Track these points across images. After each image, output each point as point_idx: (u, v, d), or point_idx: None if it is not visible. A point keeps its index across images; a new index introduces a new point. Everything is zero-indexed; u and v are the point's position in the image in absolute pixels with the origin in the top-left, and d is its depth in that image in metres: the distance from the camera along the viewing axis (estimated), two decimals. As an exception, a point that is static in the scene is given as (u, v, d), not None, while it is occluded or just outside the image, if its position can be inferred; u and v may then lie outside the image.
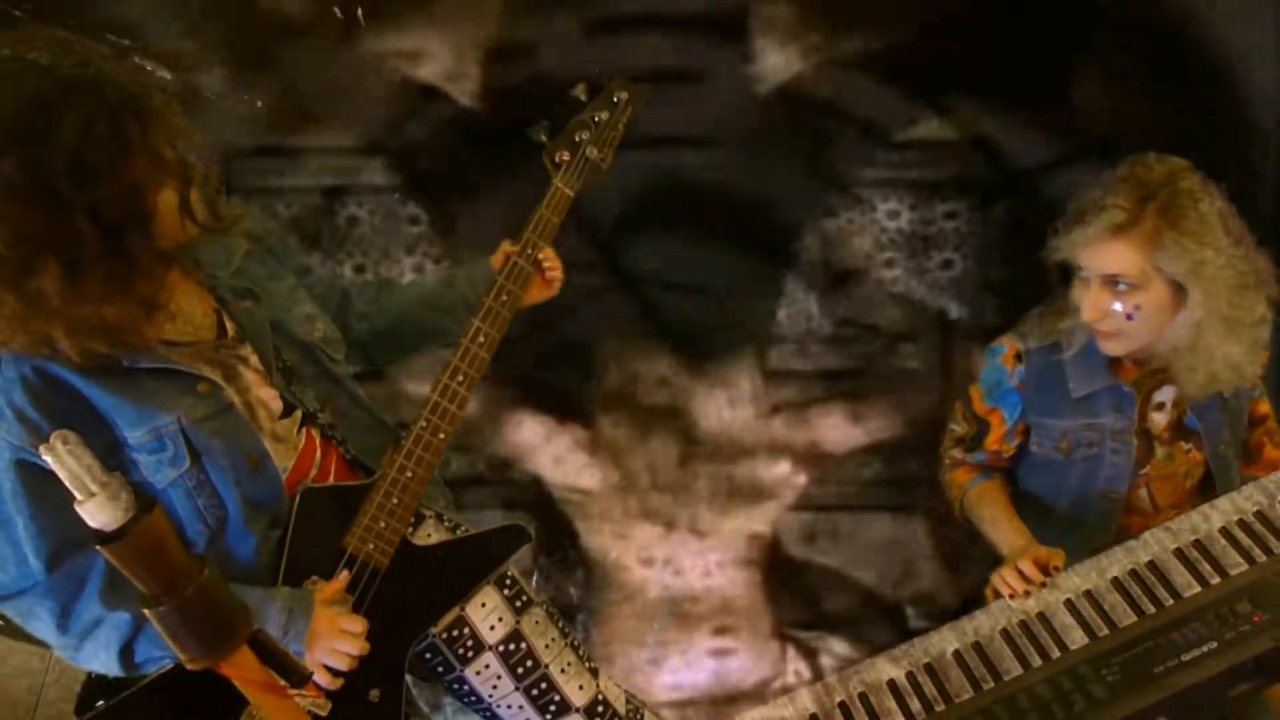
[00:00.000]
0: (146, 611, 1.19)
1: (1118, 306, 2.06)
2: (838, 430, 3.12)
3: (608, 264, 3.02)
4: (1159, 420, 2.23)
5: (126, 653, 1.72)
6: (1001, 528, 2.26)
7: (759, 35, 2.85)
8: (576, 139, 2.16)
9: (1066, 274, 2.19)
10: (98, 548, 1.14)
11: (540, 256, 2.09)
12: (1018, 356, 2.28)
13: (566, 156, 2.14)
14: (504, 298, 2.03)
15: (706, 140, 2.92)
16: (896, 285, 2.99)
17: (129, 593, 1.65)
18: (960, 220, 2.95)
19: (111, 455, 1.70)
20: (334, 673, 1.83)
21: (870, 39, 2.84)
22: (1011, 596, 1.97)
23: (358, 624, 1.84)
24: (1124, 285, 2.04)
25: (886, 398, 3.07)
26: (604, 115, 2.19)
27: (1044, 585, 1.95)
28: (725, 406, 3.12)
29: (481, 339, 2.00)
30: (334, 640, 1.80)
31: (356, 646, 1.83)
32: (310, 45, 2.82)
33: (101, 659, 1.73)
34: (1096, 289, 2.08)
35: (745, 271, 3.04)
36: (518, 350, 2.90)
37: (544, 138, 2.17)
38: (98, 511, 1.12)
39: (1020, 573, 1.98)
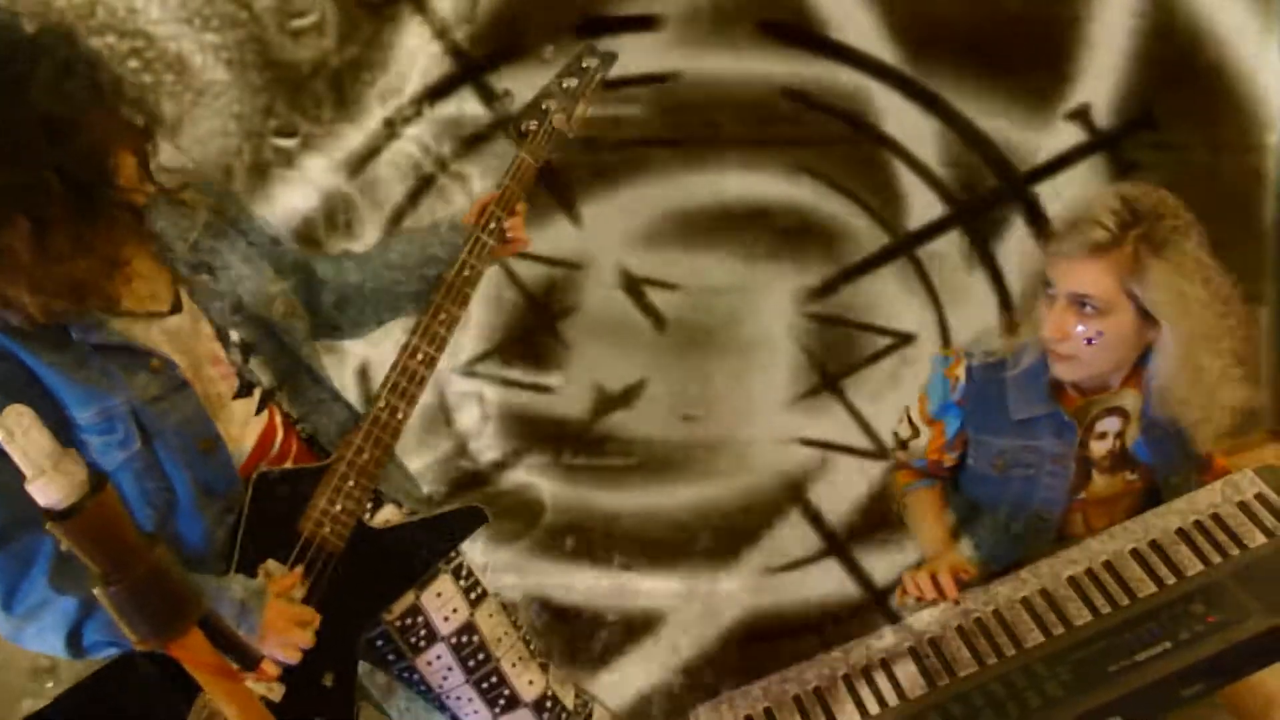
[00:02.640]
0: (96, 591, 1.16)
1: (1080, 329, 2.02)
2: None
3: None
4: (1099, 449, 2.20)
5: (74, 638, 1.69)
6: (926, 535, 2.28)
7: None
8: (544, 107, 2.12)
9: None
10: (48, 525, 1.11)
11: (505, 225, 2.06)
12: (961, 371, 2.25)
13: (533, 126, 2.11)
14: (466, 273, 2.00)
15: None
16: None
17: (78, 578, 1.62)
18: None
19: (59, 435, 1.63)
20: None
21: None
22: (919, 599, 1.98)
23: (310, 618, 1.82)
24: (1090, 308, 2.01)
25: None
26: (572, 83, 2.15)
27: (956, 602, 1.94)
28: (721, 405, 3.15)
29: (442, 316, 1.97)
30: (285, 634, 1.77)
31: (306, 641, 1.80)
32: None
33: (48, 641, 1.70)
34: (1062, 307, 2.04)
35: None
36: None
37: (509, 104, 2.15)
38: (48, 489, 1.09)
39: (934, 579, 1.98)
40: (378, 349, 2.98)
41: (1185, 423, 2.10)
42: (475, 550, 2.99)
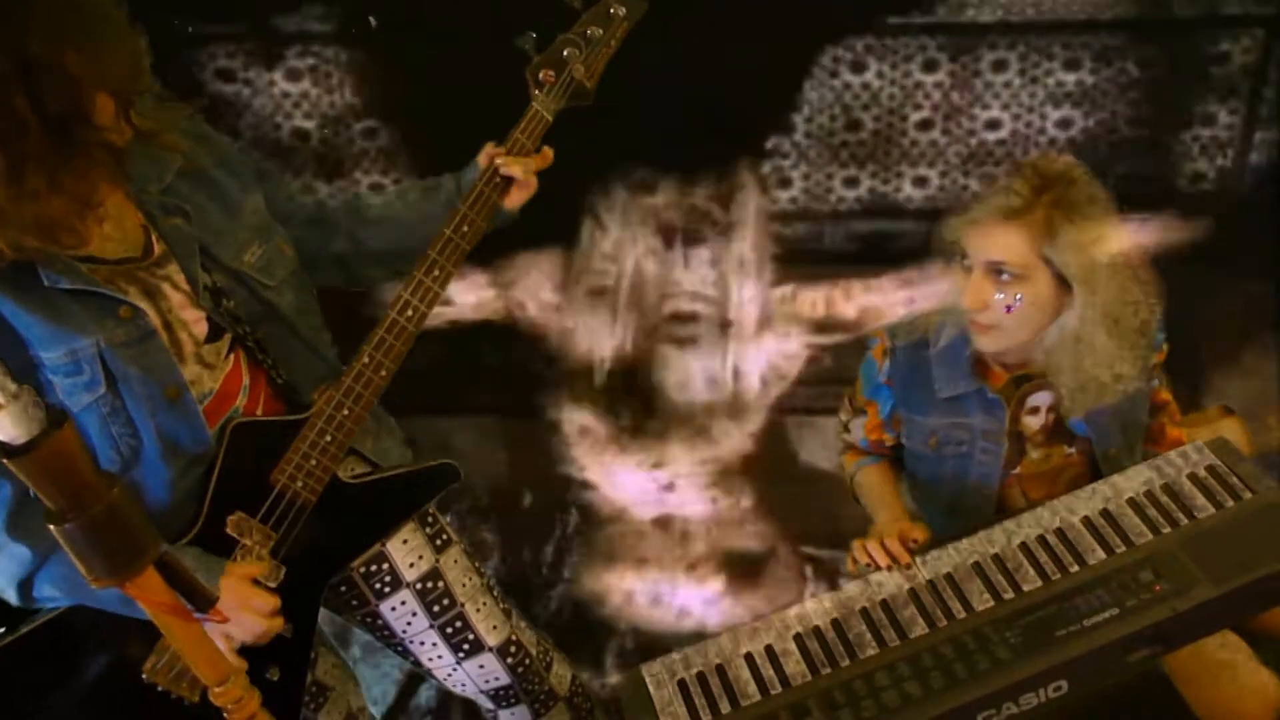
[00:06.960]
0: (52, 527, 1.19)
1: (999, 296, 2.01)
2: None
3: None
4: (1032, 424, 2.20)
5: (25, 587, 1.72)
6: (877, 506, 2.29)
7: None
8: (564, 55, 2.02)
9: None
10: (4, 461, 1.13)
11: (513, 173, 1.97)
12: (885, 352, 2.26)
13: (551, 75, 2.00)
14: (465, 229, 1.93)
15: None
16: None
17: (36, 529, 1.67)
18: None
19: (25, 375, 1.67)
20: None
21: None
22: (869, 566, 1.99)
23: (268, 603, 1.80)
24: (1008, 275, 2.00)
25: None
26: (597, 31, 2.04)
27: (908, 566, 1.96)
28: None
29: (436, 272, 1.91)
30: (241, 615, 1.76)
31: (262, 624, 1.78)
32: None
33: (1, 586, 1.74)
34: (979, 276, 2.03)
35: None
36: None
37: (529, 49, 2.01)
38: (5, 424, 1.11)
39: (884, 547, 1.99)
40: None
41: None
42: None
